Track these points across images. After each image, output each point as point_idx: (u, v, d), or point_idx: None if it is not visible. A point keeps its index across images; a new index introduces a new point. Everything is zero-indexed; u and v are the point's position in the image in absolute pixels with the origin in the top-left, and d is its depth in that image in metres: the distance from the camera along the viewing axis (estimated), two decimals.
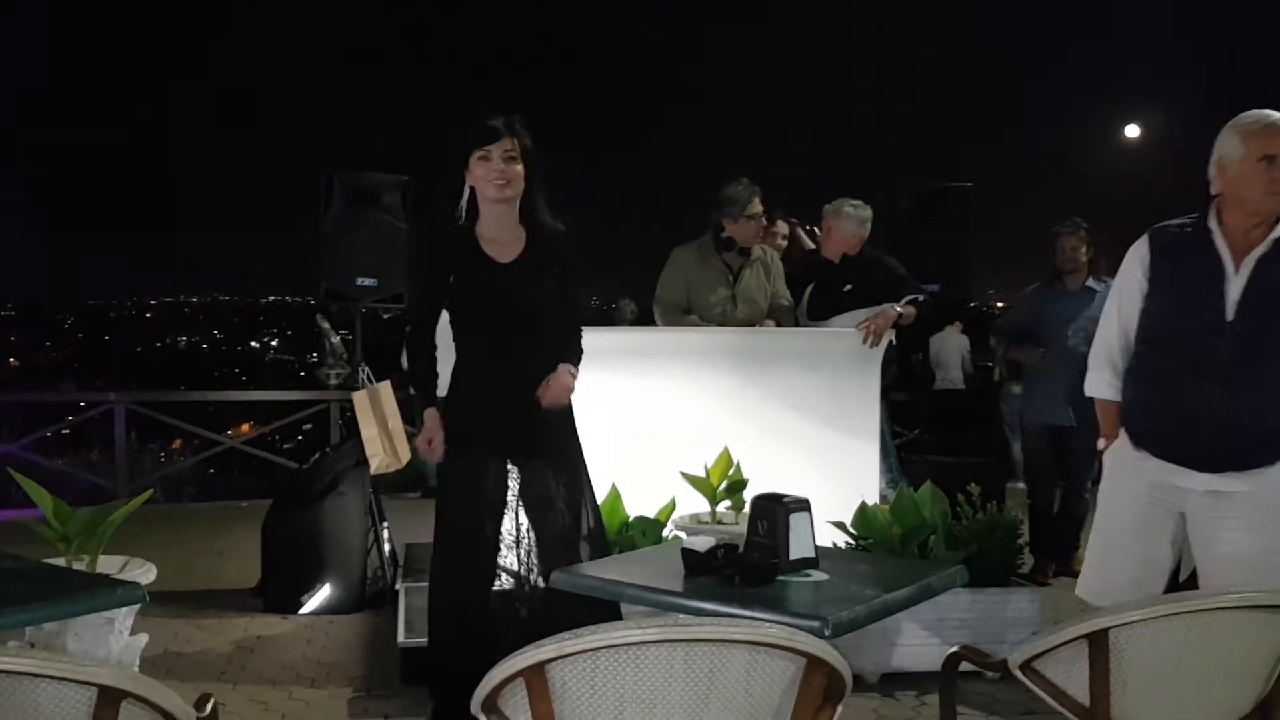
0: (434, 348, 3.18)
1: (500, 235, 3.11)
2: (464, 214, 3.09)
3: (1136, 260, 2.78)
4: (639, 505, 3.95)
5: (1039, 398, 5.34)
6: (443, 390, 3.20)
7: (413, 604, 4.34)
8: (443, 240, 3.13)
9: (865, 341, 4.54)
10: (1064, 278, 5.28)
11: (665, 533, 3.91)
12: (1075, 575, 5.12)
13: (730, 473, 3.95)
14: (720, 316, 4.65)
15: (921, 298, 4.74)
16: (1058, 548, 5.35)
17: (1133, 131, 15.46)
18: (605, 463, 4.00)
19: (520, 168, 3.01)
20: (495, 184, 2.98)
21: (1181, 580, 4.29)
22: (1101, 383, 2.93)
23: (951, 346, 9.57)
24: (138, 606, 3.29)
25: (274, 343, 51.34)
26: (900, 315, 4.59)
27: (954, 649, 2.16)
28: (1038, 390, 5.36)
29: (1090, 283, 5.22)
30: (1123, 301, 2.83)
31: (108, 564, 3.36)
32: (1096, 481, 5.38)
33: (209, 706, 1.78)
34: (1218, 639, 1.85)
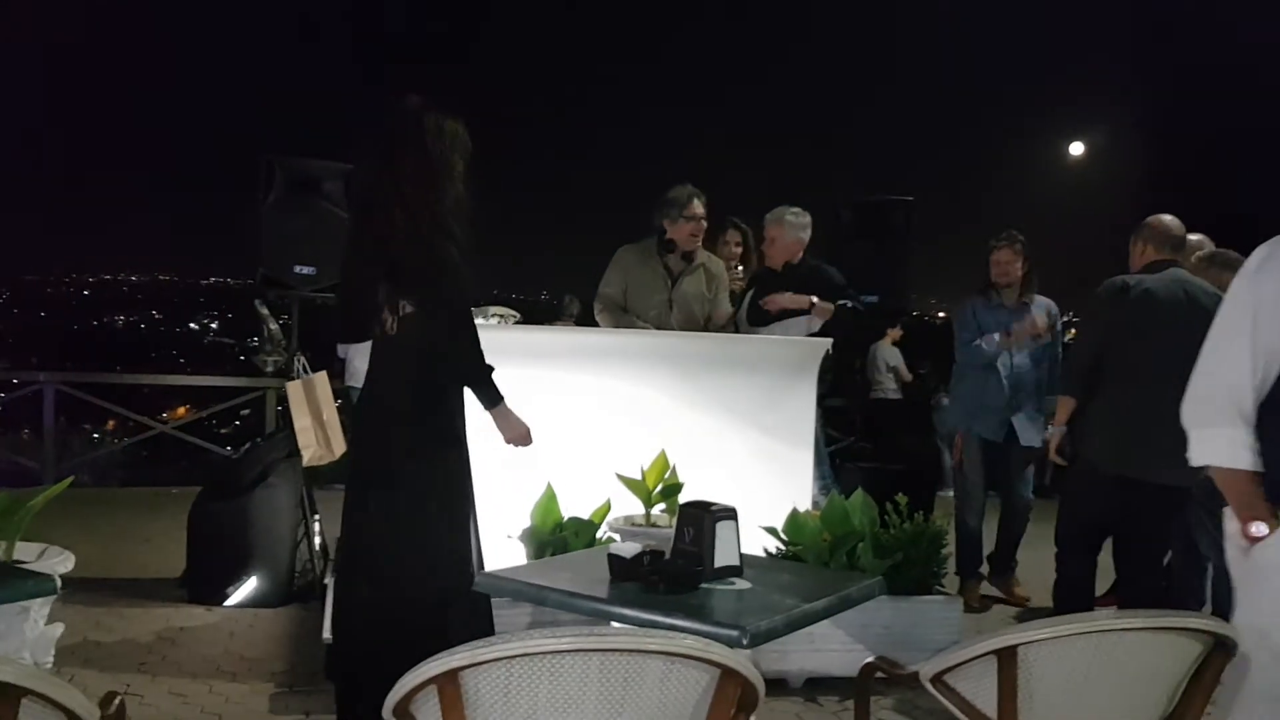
0: None
1: None
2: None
3: None
4: (574, 506, 3.94)
5: (971, 411, 5.24)
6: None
7: None
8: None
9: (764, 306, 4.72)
10: (999, 291, 5.21)
11: (599, 534, 3.91)
12: (1014, 603, 5.20)
13: (666, 476, 3.96)
14: (655, 319, 4.68)
15: (849, 304, 4.81)
16: (995, 565, 5.32)
17: (1077, 149, 15.78)
18: (541, 462, 4.01)
19: None
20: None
21: (1100, 595, 4.41)
22: (1232, 445, 2.14)
23: (884, 356, 9.67)
24: (55, 595, 3.24)
25: (214, 325, 50.49)
26: (813, 304, 4.73)
27: (870, 659, 2.19)
28: (970, 403, 5.26)
29: (1025, 298, 5.18)
30: (1262, 327, 2.07)
31: (25, 551, 3.29)
32: (1038, 494, 5.49)
33: (115, 704, 1.74)
34: (1125, 659, 1.89)
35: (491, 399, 3.19)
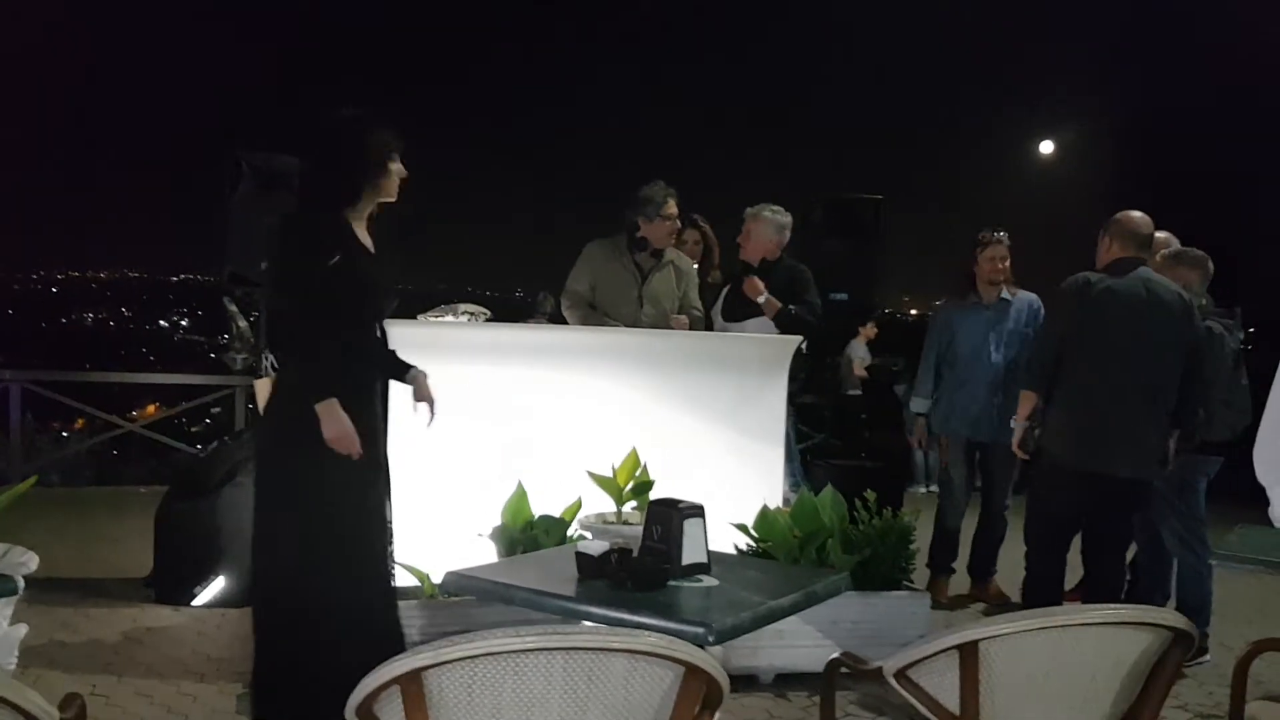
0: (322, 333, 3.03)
1: (362, 225, 3.15)
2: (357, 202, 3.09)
3: None
4: (545, 504, 3.94)
5: (957, 411, 5.18)
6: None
7: None
8: (334, 223, 3.07)
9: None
10: (979, 290, 5.15)
11: (570, 532, 3.91)
12: (993, 602, 5.19)
13: (637, 473, 3.95)
14: (626, 317, 4.68)
15: (791, 309, 4.88)
16: (974, 568, 5.28)
17: (1047, 148, 15.92)
18: (512, 459, 4.01)
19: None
20: (396, 190, 3.11)
21: (1068, 590, 4.45)
22: None
23: (856, 353, 9.69)
24: (16, 596, 3.20)
25: (184, 322, 50.04)
26: (764, 300, 4.85)
27: (835, 655, 2.20)
28: (955, 404, 5.19)
29: (1005, 294, 5.12)
30: None
31: None
32: (1018, 492, 5.43)
33: (75, 706, 1.73)
34: (1086, 653, 1.91)
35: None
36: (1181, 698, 3.93)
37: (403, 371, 3.33)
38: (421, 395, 3.32)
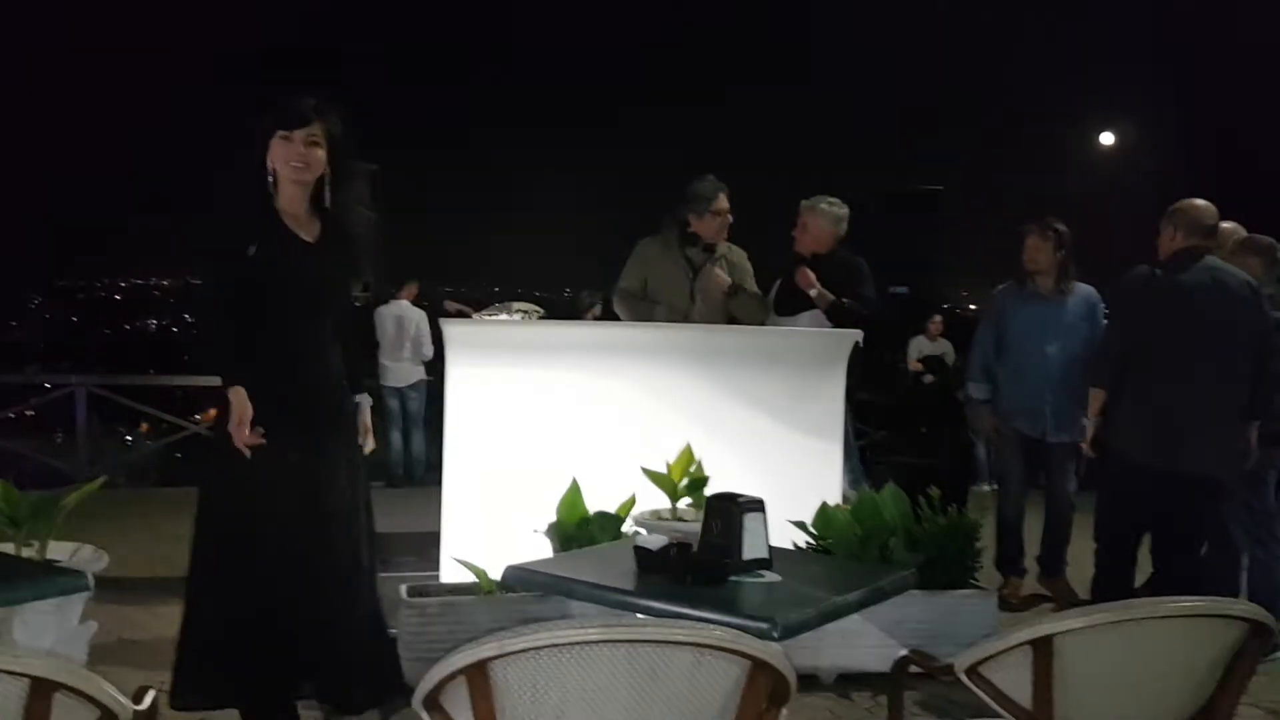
0: (234, 321, 3.01)
1: (299, 214, 3.09)
2: (271, 189, 3.04)
3: None
4: (599, 500, 3.93)
5: (1011, 405, 5.04)
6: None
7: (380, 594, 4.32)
8: (248, 208, 3.06)
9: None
10: (1034, 279, 5.01)
11: (625, 528, 3.90)
12: (1062, 601, 5.00)
13: (692, 470, 3.94)
14: (679, 312, 4.66)
15: (844, 302, 4.82)
16: (1044, 564, 5.09)
17: (1108, 139, 15.63)
18: (566, 457, 4.01)
19: (321, 152, 3.02)
20: (294, 165, 3.00)
21: (1137, 587, 4.35)
22: None
23: (918, 349, 9.58)
24: (89, 593, 3.26)
25: None
26: (816, 293, 4.81)
27: (904, 652, 2.16)
28: (1010, 397, 5.05)
29: (1063, 286, 4.96)
30: None
31: (58, 550, 3.31)
32: (1083, 488, 5.28)
33: (147, 699, 1.75)
34: (1160, 647, 1.86)
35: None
36: (1254, 694, 3.82)
37: (357, 389, 3.27)
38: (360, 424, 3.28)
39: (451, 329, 4.25)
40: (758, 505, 2.36)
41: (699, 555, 2.30)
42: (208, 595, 3.06)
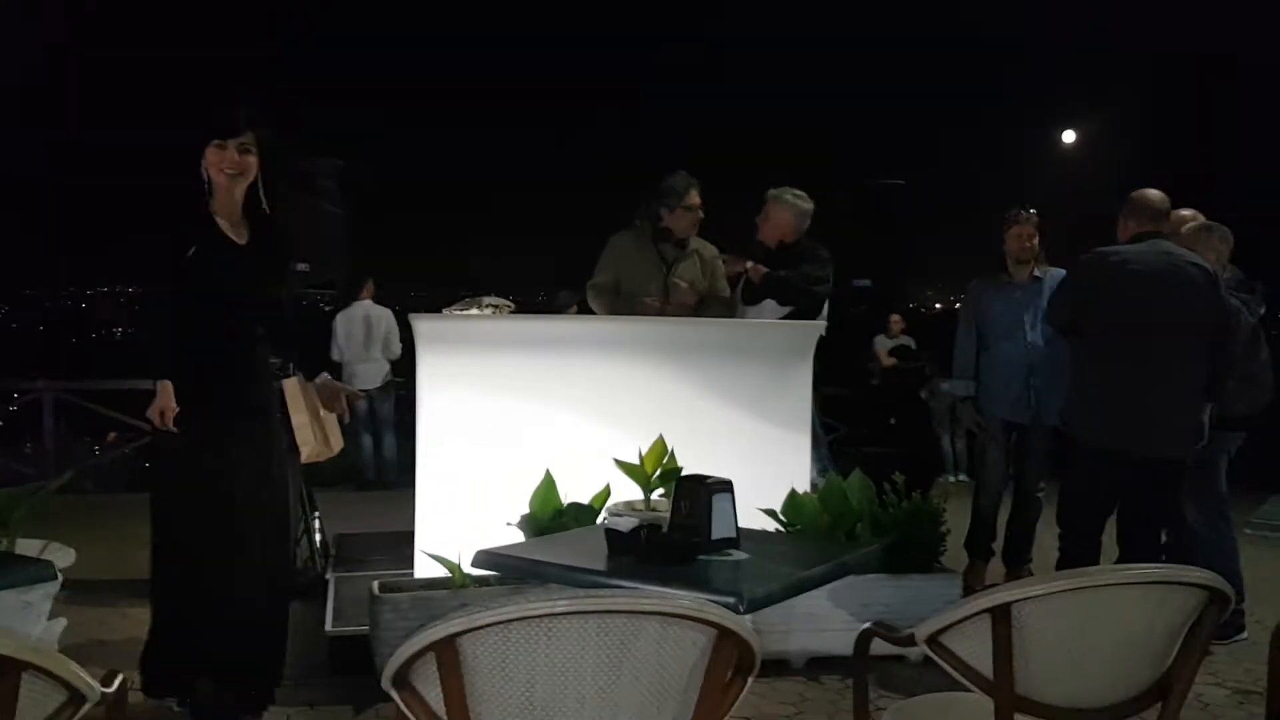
0: (171, 318, 3.23)
1: (231, 217, 3.30)
2: (207, 192, 3.25)
3: None
4: (573, 492, 3.95)
5: (994, 393, 5.07)
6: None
7: (343, 593, 4.33)
8: (186, 213, 3.26)
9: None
10: (1011, 269, 5.06)
11: (599, 519, 3.91)
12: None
13: (664, 460, 3.96)
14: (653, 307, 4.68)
15: (780, 273, 4.87)
16: (1009, 554, 5.17)
17: (1069, 137, 15.82)
18: (540, 450, 4.02)
19: (253, 159, 3.24)
20: (227, 172, 3.22)
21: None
22: None
23: (877, 345, 9.66)
24: (55, 591, 3.25)
25: None
26: (749, 266, 4.89)
27: (866, 625, 2.19)
28: (993, 384, 5.08)
29: (1037, 272, 5.03)
30: None
31: (26, 547, 3.30)
32: (1052, 479, 5.30)
33: (116, 682, 1.75)
34: (1120, 614, 1.89)
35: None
36: (1219, 674, 3.90)
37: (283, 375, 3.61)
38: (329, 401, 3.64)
39: (422, 324, 4.25)
40: (726, 486, 2.39)
41: (668, 535, 2.33)
42: (162, 587, 3.27)
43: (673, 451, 3.96)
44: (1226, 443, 4.34)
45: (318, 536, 5.10)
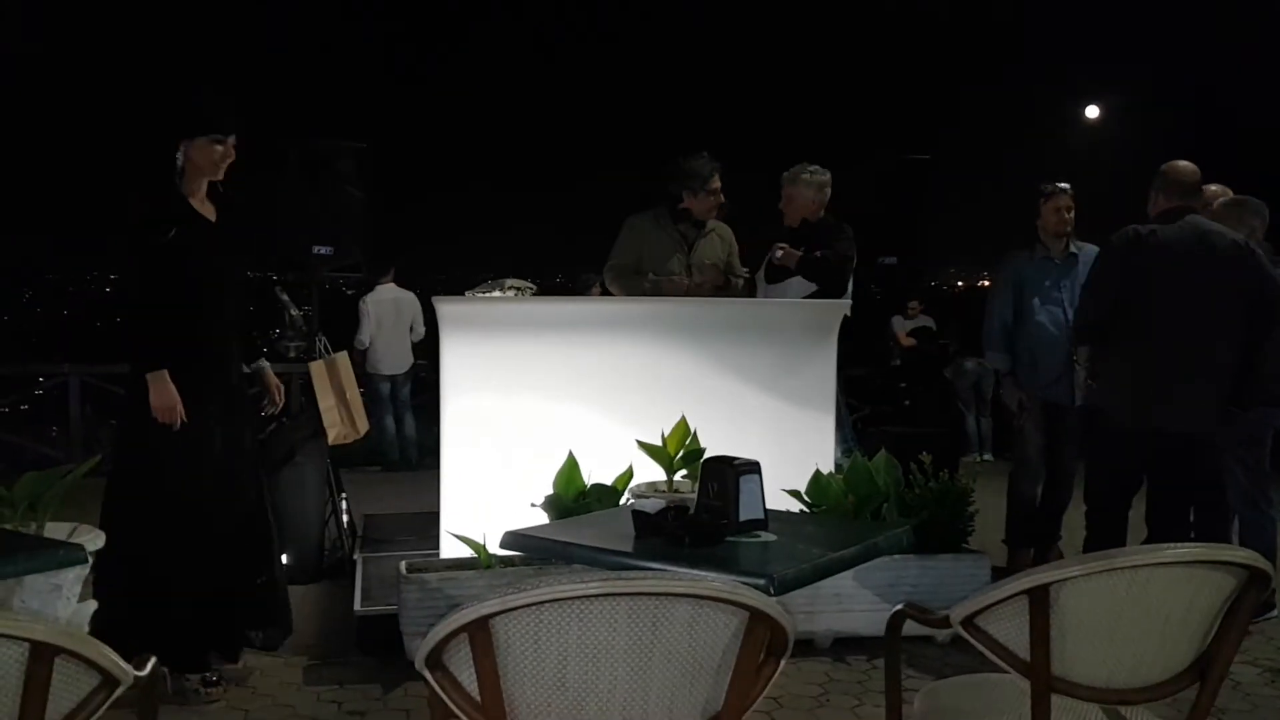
0: (158, 308, 3.37)
1: (198, 196, 3.46)
2: (178, 175, 3.41)
3: None
4: (596, 473, 3.94)
5: (1037, 375, 4.88)
6: None
7: (370, 574, 4.35)
8: (168, 197, 3.40)
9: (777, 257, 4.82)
10: (1048, 244, 4.92)
11: (622, 501, 3.91)
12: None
13: (687, 442, 3.94)
14: (677, 285, 4.66)
15: (817, 254, 4.82)
16: (1035, 536, 4.99)
17: (1093, 113, 15.65)
18: (563, 431, 4.02)
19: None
20: (223, 165, 3.43)
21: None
22: None
23: (895, 326, 9.59)
24: (85, 573, 3.27)
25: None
26: (783, 250, 4.82)
27: (899, 607, 2.17)
28: (1036, 366, 4.89)
29: (1072, 248, 4.90)
30: None
31: (55, 530, 3.31)
32: (1077, 457, 5.14)
33: (149, 666, 1.75)
34: (1157, 594, 1.86)
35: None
36: (1250, 652, 3.87)
37: (255, 356, 3.73)
38: (265, 384, 3.75)
39: (445, 307, 4.24)
40: (753, 467, 2.37)
41: (696, 517, 2.31)
42: (134, 556, 3.38)
43: (695, 432, 3.95)
44: (1273, 421, 4.26)
45: (345, 518, 5.12)
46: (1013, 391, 5.02)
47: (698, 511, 2.35)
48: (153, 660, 1.82)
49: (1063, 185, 4.93)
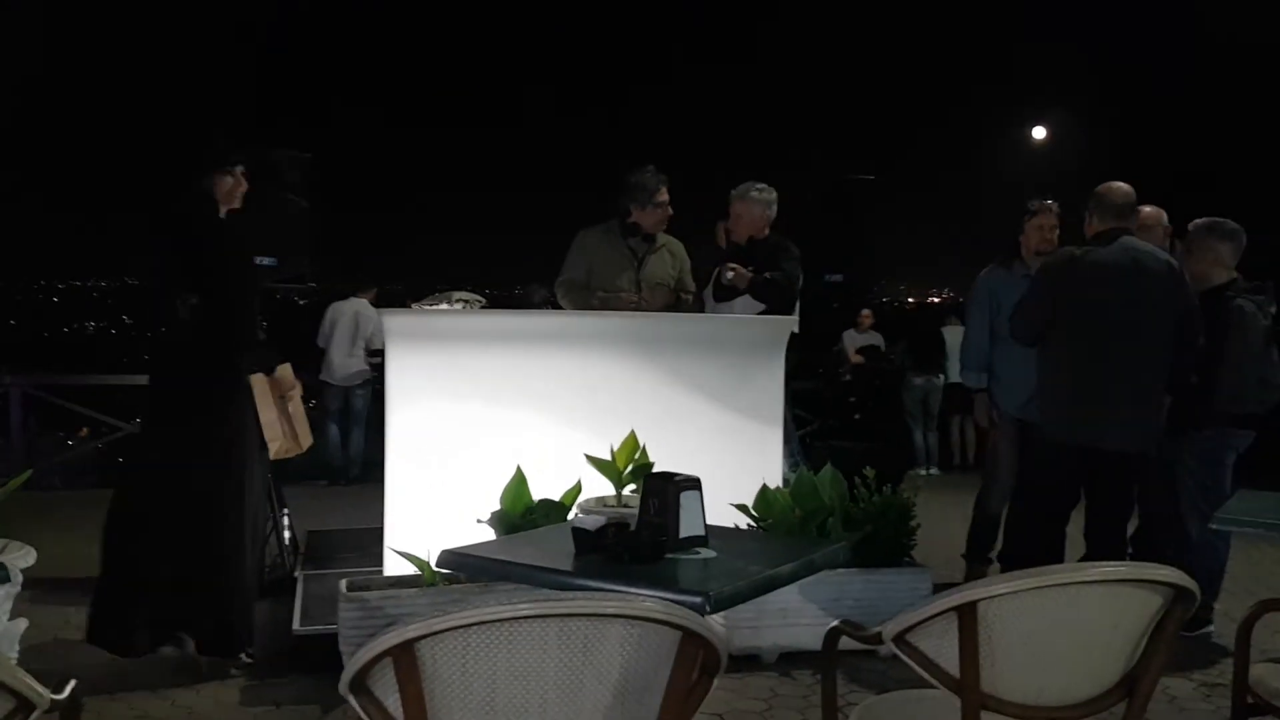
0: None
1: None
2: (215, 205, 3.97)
3: None
4: (544, 488, 3.92)
5: (1013, 391, 4.77)
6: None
7: (311, 591, 4.29)
8: (208, 209, 3.93)
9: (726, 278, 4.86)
10: (1028, 261, 4.83)
11: (570, 516, 3.89)
12: None
13: (636, 456, 3.94)
14: (626, 301, 4.66)
15: (766, 275, 4.83)
16: (1005, 556, 4.76)
17: (1039, 133, 15.92)
18: (511, 446, 3.99)
19: None
20: (237, 194, 4.00)
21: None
22: None
23: (846, 341, 9.70)
24: (16, 591, 3.20)
25: None
26: (734, 271, 4.82)
27: (834, 624, 2.18)
28: (1012, 383, 4.79)
29: None
30: None
31: None
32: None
33: (68, 689, 1.72)
34: (1085, 612, 1.88)
35: None
36: (1186, 668, 3.93)
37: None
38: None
39: (392, 320, 4.21)
40: (694, 483, 2.37)
41: (636, 534, 2.30)
42: (116, 552, 3.78)
43: (645, 447, 3.95)
44: (1236, 441, 4.28)
45: (286, 534, 5.04)
46: (984, 409, 4.99)
47: (638, 528, 2.34)
48: (72, 683, 1.78)
49: (1049, 202, 4.90)
